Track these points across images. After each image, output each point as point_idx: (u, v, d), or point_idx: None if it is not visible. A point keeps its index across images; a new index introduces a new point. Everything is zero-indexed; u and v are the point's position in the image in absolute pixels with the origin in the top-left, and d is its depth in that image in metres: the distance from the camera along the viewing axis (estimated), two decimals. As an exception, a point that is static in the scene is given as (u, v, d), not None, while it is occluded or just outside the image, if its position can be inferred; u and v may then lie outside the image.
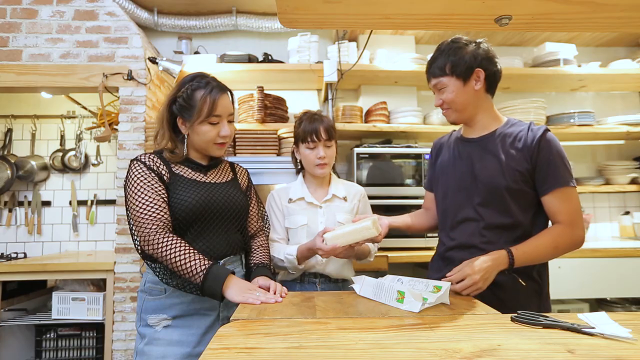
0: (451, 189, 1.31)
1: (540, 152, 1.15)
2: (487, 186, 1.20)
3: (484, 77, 1.21)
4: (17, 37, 2.26)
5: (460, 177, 1.28)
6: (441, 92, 1.25)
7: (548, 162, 1.15)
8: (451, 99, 1.23)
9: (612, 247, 2.28)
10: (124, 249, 2.19)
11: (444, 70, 1.22)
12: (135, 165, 1.20)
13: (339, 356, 0.67)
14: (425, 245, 2.22)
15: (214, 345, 0.72)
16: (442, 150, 1.42)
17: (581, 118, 2.58)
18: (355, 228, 1.23)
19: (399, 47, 2.74)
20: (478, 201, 1.22)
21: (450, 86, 1.22)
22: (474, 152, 1.26)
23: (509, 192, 1.17)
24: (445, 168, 1.35)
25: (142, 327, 1.19)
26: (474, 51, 1.21)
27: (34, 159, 2.80)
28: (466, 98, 1.23)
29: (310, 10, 0.88)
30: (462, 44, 1.22)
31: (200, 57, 2.45)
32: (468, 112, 1.26)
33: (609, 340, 0.73)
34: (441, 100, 1.25)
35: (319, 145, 1.43)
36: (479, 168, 1.23)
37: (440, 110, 1.31)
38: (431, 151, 1.48)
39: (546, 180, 1.16)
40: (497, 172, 1.19)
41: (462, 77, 1.21)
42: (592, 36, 2.83)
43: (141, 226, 1.12)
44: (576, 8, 0.84)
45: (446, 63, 1.21)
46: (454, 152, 1.33)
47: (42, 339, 2.27)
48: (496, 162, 1.20)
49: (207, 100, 1.19)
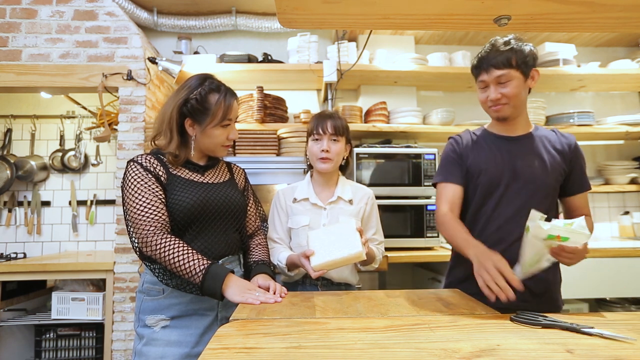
0: (492, 184, 1.29)
1: (577, 157, 1.29)
2: (531, 184, 1.25)
3: (537, 79, 1.28)
4: (17, 37, 2.26)
5: (501, 173, 1.28)
6: (503, 86, 1.24)
7: (581, 167, 1.30)
8: (514, 94, 1.23)
9: (611, 247, 2.28)
10: (124, 249, 2.19)
11: (510, 64, 1.22)
12: (131, 166, 1.19)
13: (338, 356, 0.67)
14: (425, 245, 2.22)
15: (213, 345, 0.72)
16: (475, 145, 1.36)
17: (581, 118, 2.58)
18: (344, 256, 1.16)
19: (399, 47, 2.75)
20: (519, 197, 1.26)
21: (515, 80, 1.23)
22: (515, 149, 1.30)
23: (549, 190, 1.27)
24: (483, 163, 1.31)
25: (141, 328, 1.19)
26: (532, 51, 1.25)
27: (34, 159, 2.80)
28: (524, 95, 1.27)
29: (309, 10, 0.88)
30: (521, 41, 1.25)
31: (199, 57, 2.45)
32: (519, 110, 1.29)
33: (608, 340, 0.73)
34: (500, 93, 1.24)
35: (324, 138, 1.41)
36: (522, 166, 1.27)
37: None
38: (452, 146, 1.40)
39: (578, 183, 1.30)
40: (542, 170, 1.26)
41: (525, 74, 1.24)
42: (592, 36, 2.83)
43: (139, 228, 1.12)
44: (575, 8, 0.84)
45: (512, 56, 1.22)
46: (491, 148, 1.32)
47: (41, 339, 2.27)
48: (541, 161, 1.26)
49: (222, 104, 1.20)
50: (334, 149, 1.42)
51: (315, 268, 1.17)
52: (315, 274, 1.18)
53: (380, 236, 1.52)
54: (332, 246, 1.18)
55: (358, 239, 1.17)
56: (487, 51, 1.26)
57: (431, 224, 2.23)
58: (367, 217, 1.49)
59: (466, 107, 2.85)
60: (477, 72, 1.28)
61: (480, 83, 1.28)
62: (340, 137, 1.43)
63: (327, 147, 1.41)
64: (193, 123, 1.21)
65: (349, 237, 1.18)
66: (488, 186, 1.30)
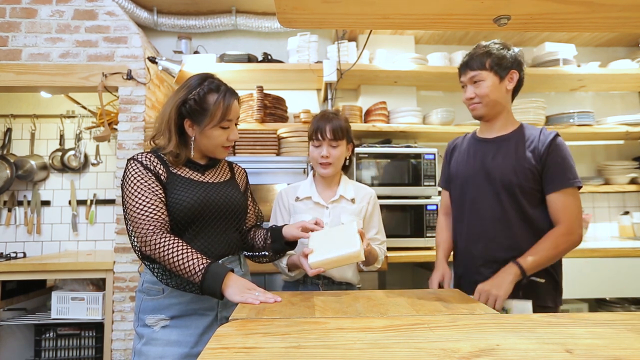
0: (466, 186, 1.39)
1: (550, 153, 1.26)
2: (500, 183, 1.29)
3: (517, 79, 1.32)
4: (17, 36, 2.26)
5: (474, 174, 1.36)
6: (476, 86, 1.32)
7: (555, 163, 1.25)
8: (485, 94, 1.31)
9: (611, 247, 2.28)
10: (124, 249, 2.19)
11: (484, 65, 1.30)
12: (132, 164, 1.18)
13: (338, 356, 0.67)
14: (425, 245, 2.22)
15: (213, 345, 0.72)
16: (455, 150, 1.50)
17: (581, 118, 2.58)
18: (342, 255, 1.14)
19: (399, 47, 2.74)
20: (491, 197, 1.31)
21: (487, 81, 1.30)
22: (487, 151, 1.35)
23: (520, 189, 1.27)
24: (459, 166, 1.43)
25: (140, 327, 1.19)
26: (512, 55, 1.31)
27: (34, 159, 2.80)
28: (498, 95, 1.31)
29: (309, 10, 0.88)
30: (502, 46, 1.32)
31: (199, 57, 2.45)
32: (495, 110, 1.34)
33: (607, 339, 0.73)
34: (474, 93, 1.33)
35: (323, 144, 1.41)
36: (492, 166, 1.31)
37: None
38: (445, 152, 1.56)
39: (552, 180, 1.26)
40: (509, 170, 1.28)
41: (500, 75, 1.30)
42: (592, 36, 2.83)
43: (139, 227, 1.11)
44: (575, 8, 0.84)
45: (487, 59, 1.30)
46: (468, 151, 1.42)
47: (41, 338, 2.27)
48: (509, 161, 1.29)
49: (221, 104, 1.17)
50: (333, 154, 1.41)
51: (311, 265, 1.15)
52: (312, 272, 1.15)
53: (383, 236, 1.52)
54: (330, 245, 1.17)
55: (358, 239, 1.14)
56: (467, 54, 1.37)
57: (431, 224, 2.23)
58: (369, 217, 1.49)
59: (466, 107, 2.84)
60: (459, 74, 1.39)
61: (461, 83, 1.38)
62: (340, 142, 1.42)
63: (327, 153, 1.40)
64: (192, 124, 1.20)
65: (349, 238, 1.16)
66: (461, 187, 1.41)
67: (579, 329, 0.79)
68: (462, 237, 1.42)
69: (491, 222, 1.32)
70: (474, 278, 1.34)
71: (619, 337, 0.75)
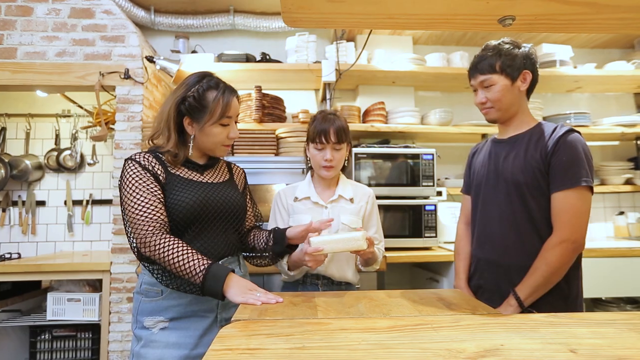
0: (480, 188, 1.36)
1: (556, 151, 1.18)
2: (511, 183, 1.25)
3: (530, 80, 1.26)
4: (12, 34, 2.23)
5: (486, 175, 1.34)
6: (487, 90, 1.27)
7: (560, 161, 1.17)
8: (497, 98, 1.26)
9: (606, 247, 2.30)
10: (120, 249, 2.17)
11: (494, 68, 1.24)
12: (129, 165, 1.16)
13: (343, 357, 0.67)
14: (423, 245, 2.22)
15: (217, 346, 0.71)
16: (476, 154, 1.47)
17: (577, 119, 2.60)
18: (343, 237, 1.17)
19: (397, 48, 2.75)
20: (501, 198, 1.27)
21: (498, 84, 1.25)
22: (501, 151, 1.32)
23: (528, 190, 1.21)
24: (478, 169, 1.41)
25: (138, 330, 1.17)
26: (523, 53, 1.25)
27: (29, 158, 2.77)
28: (511, 98, 1.26)
29: (314, 9, 0.87)
30: (512, 46, 1.25)
31: (197, 57, 2.44)
32: (509, 112, 1.30)
33: (609, 339, 0.73)
34: (485, 98, 1.28)
35: (327, 147, 1.39)
36: (503, 167, 1.28)
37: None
38: (468, 157, 1.53)
39: (554, 179, 1.18)
40: (518, 170, 1.23)
41: (511, 77, 1.24)
42: (588, 38, 2.85)
43: (137, 228, 1.10)
44: (579, 9, 0.84)
45: (497, 62, 1.24)
46: (485, 153, 1.39)
47: (36, 340, 2.25)
48: (518, 161, 1.24)
49: (220, 101, 1.17)
50: (337, 157, 1.41)
51: (312, 242, 1.15)
52: (311, 249, 1.15)
53: (381, 236, 1.52)
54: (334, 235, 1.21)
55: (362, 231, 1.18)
56: (476, 56, 1.31)
57: (429, 224, 2.23)
58: (367, 216, 1.49)
59: (464, 108, 2.86)
60: (469, 77, 1.34)
61: (472, 87, 1.33)
62: (342, 144, 1.41)
63: (331, 156, 1.39)
64: (192, 121, 1.19)
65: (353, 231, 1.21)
66: (476, 189, 1.39)
67: (582, 329, 0.79)
68: (473, 238, 1.39)
69: (499, 223, 1.28)
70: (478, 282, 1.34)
71: (621, 336, 0.75)
